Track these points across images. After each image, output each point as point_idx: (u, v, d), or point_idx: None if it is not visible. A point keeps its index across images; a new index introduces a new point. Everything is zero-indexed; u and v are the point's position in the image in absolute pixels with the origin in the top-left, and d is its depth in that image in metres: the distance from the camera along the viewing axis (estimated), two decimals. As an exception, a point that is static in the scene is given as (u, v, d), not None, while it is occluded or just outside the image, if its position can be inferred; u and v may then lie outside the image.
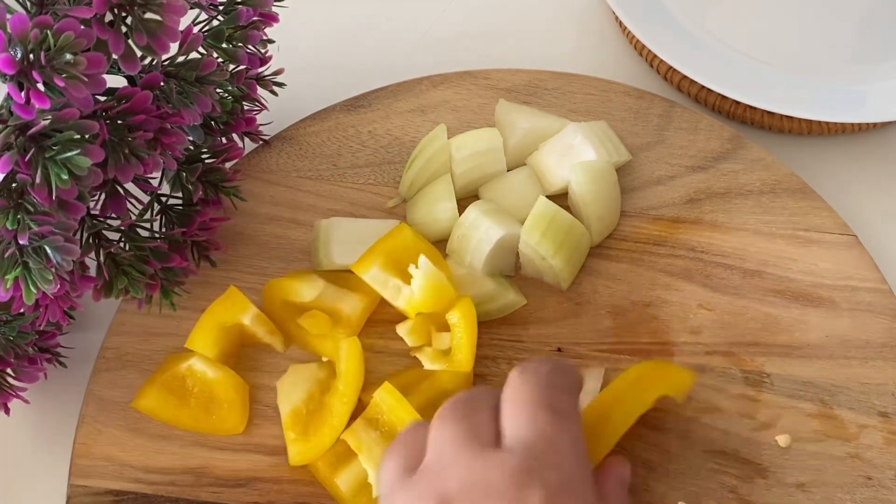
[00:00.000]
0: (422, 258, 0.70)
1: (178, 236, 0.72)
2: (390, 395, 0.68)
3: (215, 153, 0.74)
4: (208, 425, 0.71)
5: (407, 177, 0.78)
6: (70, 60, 0.52)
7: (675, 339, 0.73)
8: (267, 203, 0.79)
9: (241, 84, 0.73)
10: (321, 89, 0.85)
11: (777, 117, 0.83)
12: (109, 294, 0.68)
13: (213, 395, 0.72)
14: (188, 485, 0.70)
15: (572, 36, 0.92)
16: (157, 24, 0.57)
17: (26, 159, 0.54)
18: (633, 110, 0.82)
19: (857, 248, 0.75)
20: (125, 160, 0.60)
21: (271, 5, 0.71)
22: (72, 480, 0.70)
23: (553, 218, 0.72)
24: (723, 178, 0.78)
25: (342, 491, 0.68)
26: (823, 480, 0.67)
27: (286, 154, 0.81)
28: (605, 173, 0.75)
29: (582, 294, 0.75)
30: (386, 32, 0.93)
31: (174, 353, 0.74)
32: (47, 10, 0.57)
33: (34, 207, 0.56)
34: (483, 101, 0.83)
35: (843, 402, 0.70)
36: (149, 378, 0.73)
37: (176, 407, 0.72)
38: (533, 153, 0.79)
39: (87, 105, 0.56)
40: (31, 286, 0.57)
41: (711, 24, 0.86)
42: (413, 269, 0.70)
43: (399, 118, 0.83)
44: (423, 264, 0.70)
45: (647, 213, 0.77)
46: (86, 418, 0.72)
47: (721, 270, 0.75)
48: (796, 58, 0.84)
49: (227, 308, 0.73)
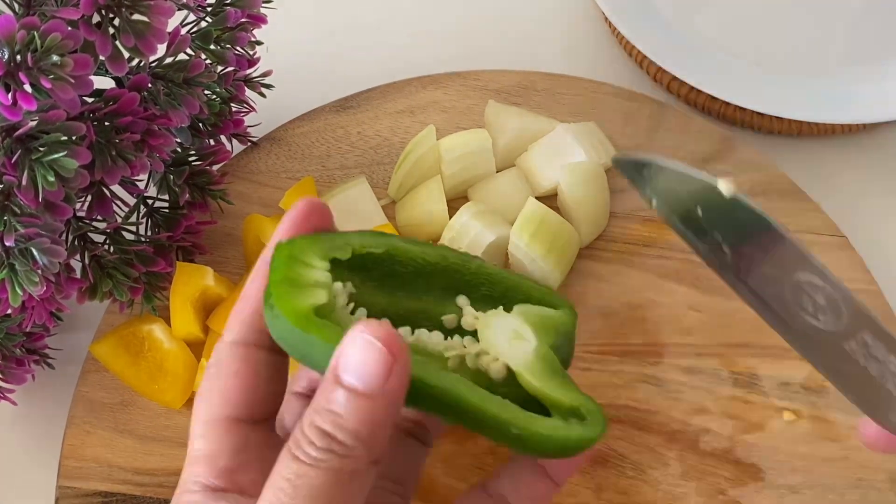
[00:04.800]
0: None
1: (163, 240, 0.72)
2: None
3: (203, 155, 0.74)
4: (149, 391, 0.73)
5: (396, 178, 0.78)
6: (57, 62, 0.52)
7: (666, 340, 0.73)
8: (255, 204, 0.79)
9: (229, 86, 0.73)
10: (310, 90, 0.85)
11: (767, 118, 0.83)
12: (94, 297, 0.68)
13: (162, 364, 0.73)
14: (176, 486, 0.69)
15: (562, 37, 0.92)
16: (144, 26, 0.57)
17: (13, 161, 0.54)
18: (623, 112, 0.81)
19: (847, 250, 0.75)
20: (112, 162, 0.60)
21: (259, 7, 0.71)
22: (60, 482, 0.70)
23: (542, 219, 0.72)
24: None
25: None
26: (814, 482, 0.68)
27: (275, 155, 0.81)
28: (595, 175, 0.75)
29: (571, 295, 0.74)
30: (375, 33, 0.93)
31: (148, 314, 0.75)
32: (34, 12, 0.57)
33: (20, 209, 0.56)
34: (472, 102, 0.83)
35: (833, 404, 0.70)
36: (115, 328, 0.74)
37: (126, 364, 0.73)
38: (522, 154, 0.79)
39: (74, 107, 0.56)
40: (17, 288, 0.57)
41: (701, 26, 0.86)
42: None
43: (388, 119, 0.82)
44: None
45: (636, 214, 0.77)
46: (74, 420, 0.72)
47: (711, 272, 0.75)
48: (786, 59, 0.84)
49: (187, 282, 0.73)
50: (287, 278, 0.49)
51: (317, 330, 0.47)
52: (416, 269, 0.55)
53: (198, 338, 0.73)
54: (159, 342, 0.73)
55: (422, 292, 0.56)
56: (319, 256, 0.50)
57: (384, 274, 0.55)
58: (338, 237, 0.53)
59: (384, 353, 0.42)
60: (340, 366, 0.43)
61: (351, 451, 0.42)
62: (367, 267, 0.54)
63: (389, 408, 0.43)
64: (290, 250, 0.50)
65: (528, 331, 0.54)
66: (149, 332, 0.74)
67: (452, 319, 0.56)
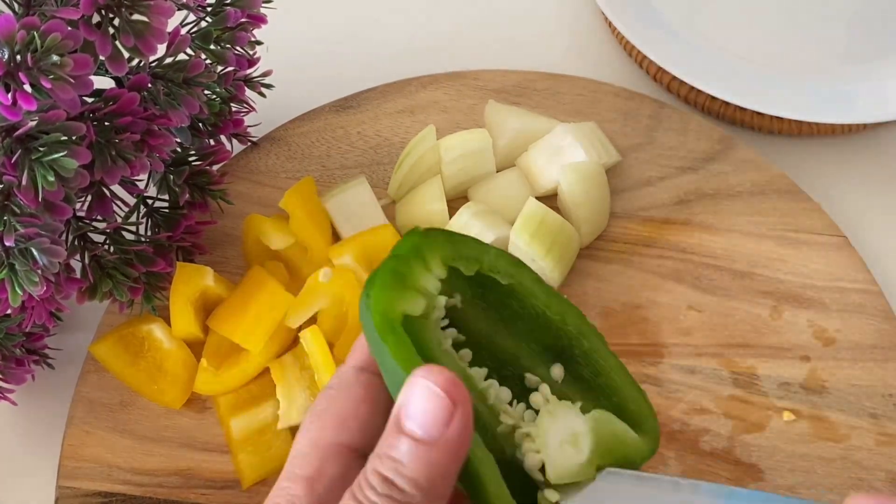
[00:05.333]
0: None
1: (163, 240, 0.72)
2: (314, 338, 0.70)
3: (203, 155, 0.74)
4: (148, 392, 0.73)
5: (396, 178, 0.78)
6: (57, 62, 0.52)
7: (665, 340, 0.73)
8: (255, 204, 0.79)
9: (229, 85, 0.73)
10: (310, 90, 0.85)
11: (767, 118, 0.83)
12: (94, 297, 0.68)
13: (161, 364, 0.73)
14: (176, 486, 0.70)
15: (562, 37, 0.92)
16: (144, 26, 0.57)
17: (13, 161, 0.54)
18: (623, 111, 0.81)
19: (846, 250, 0.75)
20: (112, 162, 0.60)
21: (259, 6, 0.71)
22: (60, 482, 0.70)
23: (542, 219, 0.72)
24: (712, 180, 0.78)
25: (232, 433, 0.70)
26: (813, 482, 0.67)
27: (274, 155, 0.81)
28: (595, 174, 0.75)
29: (571, 295, 0.74)
30: (375, 33, 0.93)
31: (148, 314, 0.74)
32: (34, 12, 0.57)
33: (20, 209, 0.56)
34: (472, 101, 0.83)
35: (833, 404, 0.70)
36: (115, 328, 0.74)
37: (125, 363, 0.73)
38: (522, 154, 0.78)
39: (73, 106, 0.56)
40: (16, 288, 0.57)
41: (701, 25, 0.86)
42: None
43: (388, 119, 0.82)
44: None
45: (636, 215, 0.77)
46: (74, 420, 0.72)
47: (711, 272, 0.75)
48: (786, 58, 0.84)
49: (187, 282, 0.73)
50: (397, 271, 0.47)
51: (392, 343, 0.45)
52: (531, 314, 0.52)
53: (198, 338, 0.73)
54: (159, 342, 0.73)
55: (523, 337, 0.53)
56: (442, 259, 0.49)
57: (499, 301, 0.52)
58: (475, 247, 0.50)
59: (445, 400, 0.42)
60: (402, 412, 0.42)
61: (411, 498, 0.42)
62: (485, 285, 0.52)
63: (450, 456, 0.42)
64: (418, 241, 0.48)
65: (588, 444, 0.49)
66: (148, 333, 0.74)
67: (534, 381, 0.52)
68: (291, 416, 0.69)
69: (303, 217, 0.75)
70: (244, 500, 0.69)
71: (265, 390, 0.72)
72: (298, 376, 0.70)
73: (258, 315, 0.71)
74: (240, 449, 0.70)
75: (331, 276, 0.71)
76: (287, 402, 0.70)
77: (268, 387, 0.72)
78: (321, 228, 0.75)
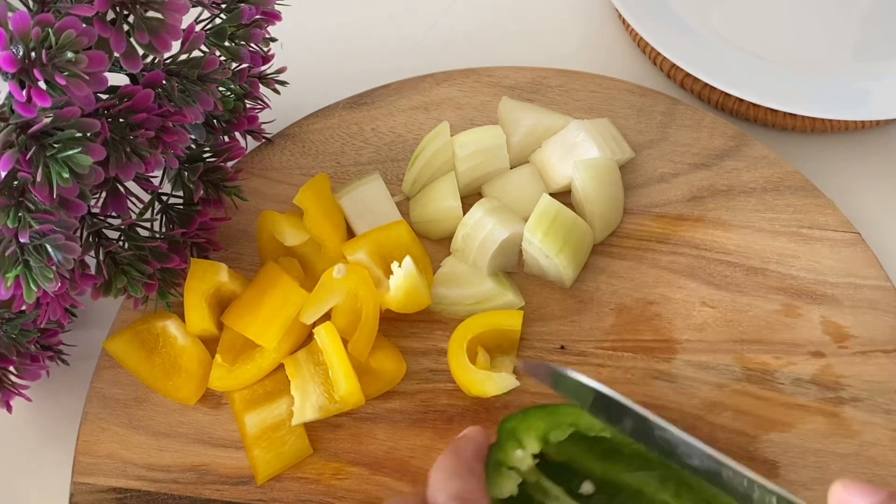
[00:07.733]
0: (407, 259, 0.70)
1: (177, 237, 0.72)
2: (329, 334, 0.70)
3: (217, 152, 0.74)
4: (163, 388, 0.73)
5: (410, 174, 0.78)
6: (71, 58, 0.52)
7: (679, 336, 0.73)
8: (270, 201, 0.79)
9: (244, 82, 0.73)
10: (324, 87, 0.85)
11: (780, 115, 0.83)
12: (108, 293, 0.68)
13: (176, 360, 0.73)
14: (191, 482, 0.70)
15: (576, 34, 0.92)
16: (159, 23, 0.57)
17: (27, 157, 0.54)
18: (637, 108, 0.81)
19: (860, 246, 0.74)
20: (126, 159, 0.60)
21: (274, 3, 0.71)
22: (75, 478, 0.70)
23: (556, 216, 0.72)
24: (726, 176, 0.78)
25: (247, 428, 0.71)
26: (827, 478, 0.67)
27: (289, 152, 0.81)
28: (609, 171, 0.75)
29: (585, 292, 0.74)
30: (389, 30, 0.93)
31: (163, 310, 0.75)
32: (49, 8, 0.57)
33: (35, 206, 0.56)
34: (486, 98, 0.83)
35: (846, 400, 0.70)
36: (130, 324, 0.74)
37: (141, 359, 0.73)
38: (536, 151, 0.79)
39: (88, 103, 0.56)
40: (31, 284, 0.57)
41: (715, 22, 0.86)
42: (396, 266, 0.70)
43: (402, 115, 0.82)
44: (407, 265, 0.70)
45: (650, 211, 0.77)
46: (89, 416, 0.72)
47: (724, 268, 0.75)
48: (800, 55, 0.84)
49: (201, 278, 0.73)
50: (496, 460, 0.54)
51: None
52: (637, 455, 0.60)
53: (212, 334, 0.73)
54: (174, 338, 0.74)
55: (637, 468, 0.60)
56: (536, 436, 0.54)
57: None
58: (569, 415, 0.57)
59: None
60: None
61: None
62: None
63: None
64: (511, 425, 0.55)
65: None
66: (163, 329, 0.74)
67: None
68: (305, 412, 0.70)
69: (317, 213, 0.75)
70: (259, 496, 0.69)
71: (279, 386, 0.72)
72: (313, 372, 0.71)
73: (272, 311, 0.71)
74: (254, 445, 0.70)
75: (345, 272, 0.72)
76: (301, 399, 0.70)
77: (282, 383, 0.72)
78: (335, 225, 0.76)
